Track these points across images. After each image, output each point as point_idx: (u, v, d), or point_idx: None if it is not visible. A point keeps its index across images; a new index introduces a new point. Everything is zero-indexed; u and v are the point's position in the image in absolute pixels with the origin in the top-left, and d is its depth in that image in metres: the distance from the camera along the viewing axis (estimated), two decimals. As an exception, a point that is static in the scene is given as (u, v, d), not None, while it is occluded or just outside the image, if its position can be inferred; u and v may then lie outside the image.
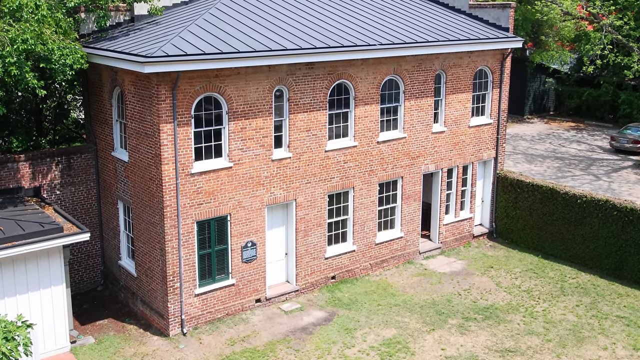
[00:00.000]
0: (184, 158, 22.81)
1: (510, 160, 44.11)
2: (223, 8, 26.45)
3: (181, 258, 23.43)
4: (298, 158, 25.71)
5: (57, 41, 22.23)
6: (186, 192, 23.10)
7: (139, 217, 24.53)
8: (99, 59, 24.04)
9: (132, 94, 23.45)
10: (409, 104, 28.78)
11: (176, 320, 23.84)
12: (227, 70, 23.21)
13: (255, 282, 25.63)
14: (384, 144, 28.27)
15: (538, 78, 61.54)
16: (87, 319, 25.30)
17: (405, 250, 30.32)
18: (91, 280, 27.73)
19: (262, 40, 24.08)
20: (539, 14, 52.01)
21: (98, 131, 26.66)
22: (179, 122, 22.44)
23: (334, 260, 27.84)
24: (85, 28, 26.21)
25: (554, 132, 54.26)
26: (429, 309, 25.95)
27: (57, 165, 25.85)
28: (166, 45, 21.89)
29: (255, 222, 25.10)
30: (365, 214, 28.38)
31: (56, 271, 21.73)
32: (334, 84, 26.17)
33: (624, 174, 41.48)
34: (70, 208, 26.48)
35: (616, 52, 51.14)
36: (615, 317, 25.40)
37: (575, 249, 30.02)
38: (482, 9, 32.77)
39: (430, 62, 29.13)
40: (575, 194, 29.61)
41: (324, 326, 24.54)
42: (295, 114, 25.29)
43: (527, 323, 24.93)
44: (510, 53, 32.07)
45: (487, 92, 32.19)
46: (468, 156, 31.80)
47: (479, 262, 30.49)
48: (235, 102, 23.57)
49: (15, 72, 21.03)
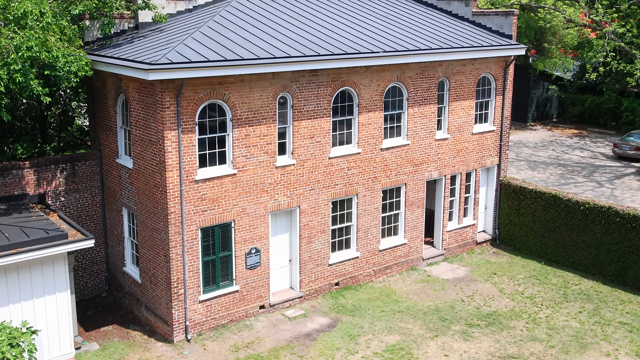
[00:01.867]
0: (188, 165, 22.89)
1: (513, 167, 44.18)
2: (227, 16, 26.57)
3: (185, 264, 23.49)
4: (302, 165, 25.78)
5: (61, 48, 22.32)
6: (190, 199, 23.17)
7: (144, 223, 24.61)
8: (103, 66, 24.14)
9: (137, 101, 23.55)
10: (413, 111, 28.86)
11: (180, 326, 23.89)
12: (231, 77, 23.30)
13: (259, 288, 25.69)
14: (387, 151, 28.34)
15: (541, 85, 61.65)
16: (91, 325, 25.37)
17: (409, 257, 30.37)
18: (96, 287, 27.79)
19: (266, 48, 24.18)
20: (541, 21, 52.18)
21: (102, 138, 26.76)
22: (183, 129, 22.52)
23: (337, 266, 27.89)
24: (90, 35, 26.33)
25: (557, 139, 54.31)
26: (432, 315, 25.98)
27: (61, 172, 25.94)
28: (170, 52, 21.98)
29: (259, 229, 25.17)
30: (369, 220, 28.44)
31: (61, 278, 21.76)
32: (337, 91, 26.26)
33: (627, 180, 41.52)
34: (75, 215, 26.56)
35: (619, 60, 51.23)
36: (618, 324, 25.42)
37: (578, 255, 30.05)
38: (485, 16, 32.86)
39: (434, 69, 29.22)
40: (578, 201, 29.65)
41: (328, 332, 24.58)
42: (299, 121, 25.38)
43: (530, 329, 24.95)
44: (513, 60, 32.14)
45: (490, 99, 32.26)
46: (471, 163, 31.86)
47: (482, 268, 30.52)
48: (239, 109, 23.65)
49: (20, 79, 21.12)
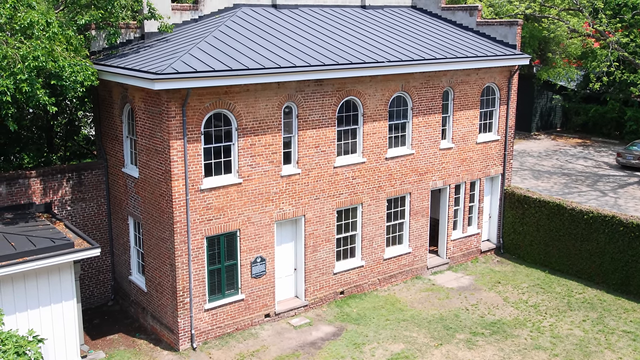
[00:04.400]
0: (194, 174, 23.00)
1: (517, 176, 44.23)
2: (232, 26, 26.72)
3: (191, 273, 23.57)
4: (307, 174, 25.88)
5: (68, 58, 22.45)
6: (196, 208, 23.27)
7: (149, 232, 24.71)
8: (109, 75, 24.26)
9: (143, 111, 23.68)
10: (417, 121, 28.96)
11: (186, 335, 23.96)
12: (237, 87, 23.42)
13: (265, 297, 25.76)
14: (392, 160, 28.43)
15: (545, 95, 61.74)
16: (97, 333, 25.45)
17: (413, 266, 30.43)
18: (102, 295, 27.89)
19: (271, 58, 24.31)
20: (546, 31, 52.30)
21: (108, 147, 26.90)
22: (189, 139, 22.64)
23: (342, 275, 27.96)
24: (96, 45, 26.47)
25: (561, 149, 54.37)
26: (437, 323, 26.03)
27: (68, 181, 26.06)
28: (176, 62, 22.11)
29: (265, 238, 25.26)
30: (374, 229, 28.52)
31: (67, 286, 21.84)
32: (342, 100, 26.37)
33: (630, 190, 41.55)
34: (81, 224, 26.68)
35: (622, 69, 51.33)
36: (621, 332, 25.44)
37: (582, 264, 30.09)
38: (490, 26, 32.98)
39: (438, 79, 29.33)
40: (582, 210, 29.71)
41: (333, 341, 24.64)
42: (304, 130, 25.49)
43: (534, 338, 24.99)
44: (518, 70, 32.26)
45: (494, 109, 32.35)
46: (475, 172, 31.94)
47: (487, 277, 30.56)
48: (244, 119, 23.77)
49: (27, 88, 21.21)
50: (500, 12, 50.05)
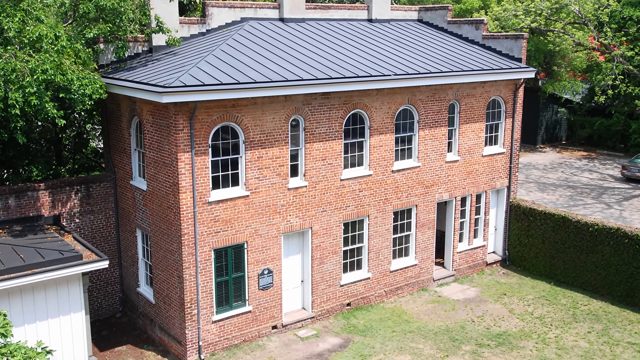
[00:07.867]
0: (202, 187, 23.14)
1: (523, 188, 44.31)
2: (240, 39, 26.92)
3: (199, 285, 23.69)
4: (314, 187, 26.02)
5: (76, 71, 22.58)
6: (203, 220, 23.40)
7: (157, 245, 24.84)
8: (117, 89, 24.43)
9: (151, 124, 23.85)
10: (423, 134, 29.10)
11: (194, 346, 24.05)
12: (244, 100, 23.59)
13: (272, 309, 25.86)
14: (398, 173, 28.56)
15: (550, 108, 61.89)
16: (106, 345, 25.56)
17: (420, 278, 30.50)
18: (110, 307, 28.01)
19: (278, 71, 24.47)
20: (551, 44, 52.48)
21: (117, 160, 27.07)
22: (197, 151, 22.79)
23: (349, 287, 28.04)
24: (104, 58, 26.67)
25: (566, 161, 54.44)
26: (443, 335, 26.09)
27: (76, 193, 26.22)
28: (184, 75, 22.27)
29: (272, 250, 25.37)
30: (380, 241, 28.62)
31: (75, 298, 21.93)
32: (349, 113, 26.52)
33: (635, 202, 41.60)
34: (90, 236, 26.83)
35: (627, 82, 51.45)
36: (626, 344, 25.47)
37: (587, 276, 30.13)
38: (495, 39, 33.14)
39: (444, 92, 29.48)
40: (587, 222, 29.77)
41: (339, 352, 24.71)
42: (311, 143, 25.63)
43: (540, 349, 25.03)
44: (523, 83, 32.38)
45: (500, 122, 32.48)
46: (481, 185, 32.04)
47: (492, 289, 30.62)
48: (252, 132, 23.93)
49: (35, 102, 21.35)
50: (506, 25, 50.28)
